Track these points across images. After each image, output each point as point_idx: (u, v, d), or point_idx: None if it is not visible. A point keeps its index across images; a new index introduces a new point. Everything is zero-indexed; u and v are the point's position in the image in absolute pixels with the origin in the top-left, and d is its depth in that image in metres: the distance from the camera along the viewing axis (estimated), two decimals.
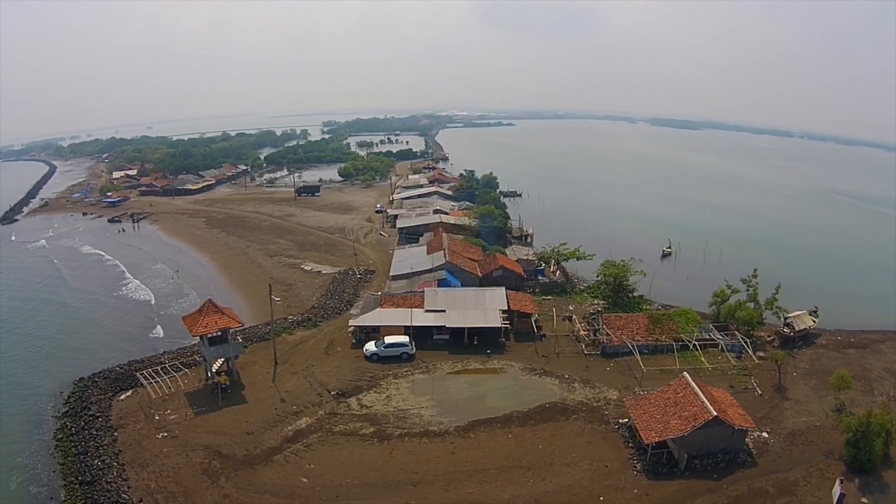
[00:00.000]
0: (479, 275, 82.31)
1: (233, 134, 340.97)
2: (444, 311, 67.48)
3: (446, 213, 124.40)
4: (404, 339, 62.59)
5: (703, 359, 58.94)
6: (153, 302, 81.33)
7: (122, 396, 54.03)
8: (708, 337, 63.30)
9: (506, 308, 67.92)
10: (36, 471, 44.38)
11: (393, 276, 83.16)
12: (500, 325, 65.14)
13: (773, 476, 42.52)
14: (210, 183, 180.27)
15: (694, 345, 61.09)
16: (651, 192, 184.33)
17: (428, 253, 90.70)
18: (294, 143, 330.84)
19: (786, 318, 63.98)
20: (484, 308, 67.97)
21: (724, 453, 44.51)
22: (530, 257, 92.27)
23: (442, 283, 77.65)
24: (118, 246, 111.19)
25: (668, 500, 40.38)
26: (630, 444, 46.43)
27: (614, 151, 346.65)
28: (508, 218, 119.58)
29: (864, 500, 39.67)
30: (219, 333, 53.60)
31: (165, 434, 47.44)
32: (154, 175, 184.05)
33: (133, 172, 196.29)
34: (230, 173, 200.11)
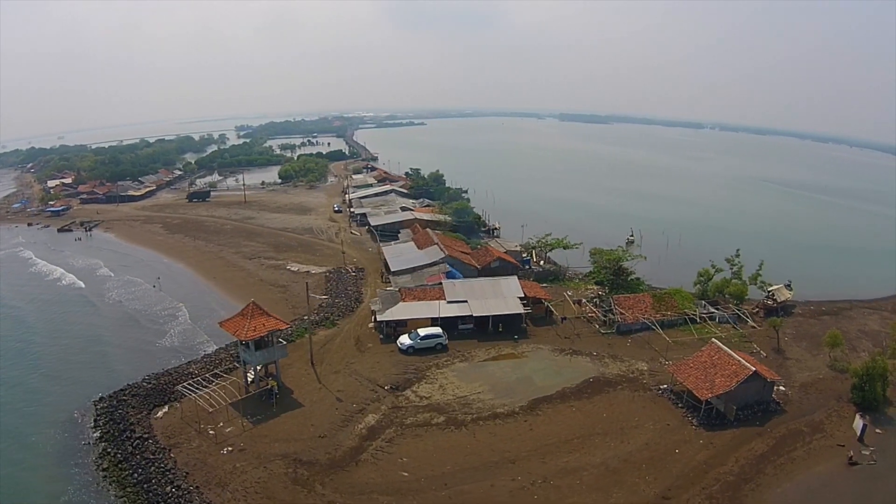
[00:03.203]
0: (478, 267, 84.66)
1: (152, 140, 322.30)
2: (465, 301, 69.22)
3: (411, 210, 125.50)
4: (438, 330, 63.56)
5: (714, 329, 65.87)
6: (145, 311, 75.28)
7: (160, 413, 49.98)
8: (705, 311, 70.45)
9: (522, 295, 71.03)
10: None
11: (394, 271, 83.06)
12: (522, 312, 68.25)
13: (802, 419, 49.31)
14: (151, 189, 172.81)
15: (702, 318, 68.09)
16: (589, 185, 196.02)
17: (419, 248, 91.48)
18: (214, 147, 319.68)
19: (769, 292, 72.85)
20: (503, 296, 70.47)
21: (759, 404, 50.64)
22: (517, 248, 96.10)
23: (448, 275, 79.20)
24: (83, 255, 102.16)
25: (728, 446, 45.54)
26: (679, 405, 51.25)
27: (536, 147, 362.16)
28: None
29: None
30: (266, 336, 51.51)
31: (230, 448, 44.66)
32: (92, 182, 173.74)
33: (69, 181, 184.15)
34: (167, 179, 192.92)
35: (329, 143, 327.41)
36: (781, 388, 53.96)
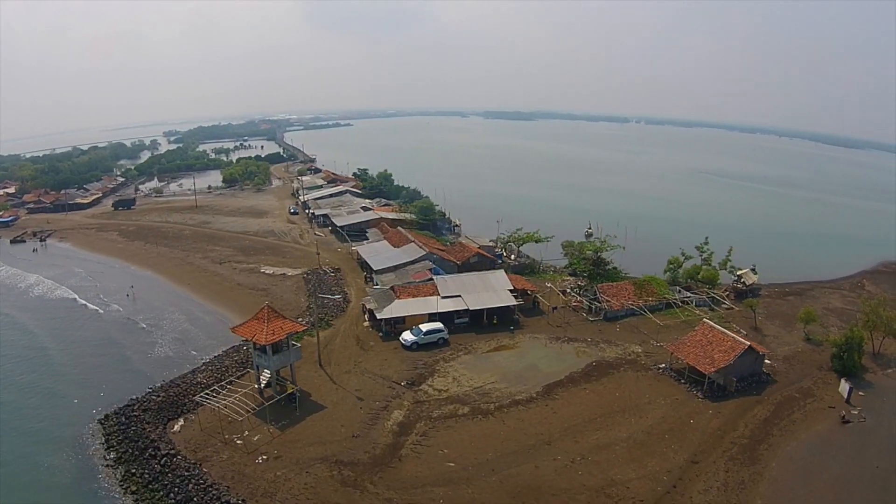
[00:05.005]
0: (458, 262, 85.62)
1: (85, 148, 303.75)
2: (459, 296, 70.10)
3: (373, 210, 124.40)
4: (439, 325, 64.12)
5: (695, 312, 70.92)
6: (131, 320, 70.88)
7: (176, 427, 47.01)
8: (683, 296, 75.39)
9: (512, 288, 72.85)
10: None
11: (377, 270, 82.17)
12: (515, 304, 70.10)
13: (793, 387, 54.54)
14: (98, 196, 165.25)
15: (685, 301, 73.05)
16: (531, 180, 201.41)
17: (395, 247, 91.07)
18: (148, 153, 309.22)
19: (738, 276, 79.07)
20: (494, 290, 71.97)
21: (752, 376, 55.31)
22: (490, 244, 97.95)
23: (433, 271, 79.57)
24: (51, 266, 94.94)
25: (733, 414, 49.73)
26: (682, 381, 55.02)
27: (470, 145, 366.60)
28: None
29: (860, 393, 53.10)
30: (282, 340, 49.75)
31: (265, 457, 42.95)
32: (37, 191, 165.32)
33: (12, 190, 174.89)
34: (112, 185, 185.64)
35: (263, 147, 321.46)
36: (767, 360, 58.88)
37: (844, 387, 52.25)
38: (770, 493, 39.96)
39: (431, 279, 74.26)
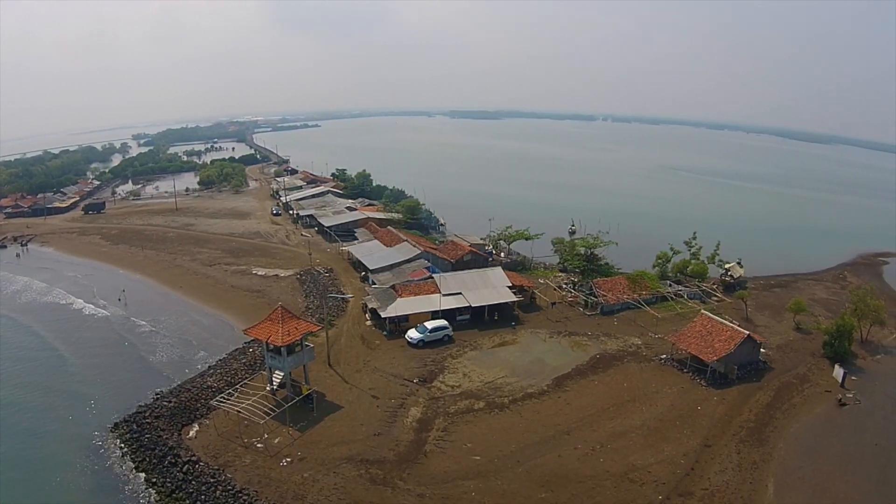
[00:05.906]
0: (452, 260, 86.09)
1: (56, 152, 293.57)
2: (460, 293, 70.67)
3: (355, 210, 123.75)
4: (444, 322, 64.54)
5: (689, 304, 73.29)
6: (133, 322, 69.29)
7: (191, 433, 46.02)
8: (675, 289, 77.69)
9: (510, 285, 73.81)
10: None
11: (373, 269, 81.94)
12: (515, 300, 71.11)
13: (789, 373, 57.05)
14: (75, 200, 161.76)
15: (678, 294, 75.38)
16: (507, 179, 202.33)
17: (387, 246, 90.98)
18: (119, 156, 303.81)
19: (726, 269, 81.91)
20: (493, 287, 72.82)
21: (750, 364, 57.55)
22: (481, 241, 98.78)
23: (429, 269, 79.91)
24: (34, 271, 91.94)
25: (737, 400, 51.83)
26: (685, 370, 56.96)
27: (440, 144, 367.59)
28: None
29: (853, 377, 55.98)
30: (298, 340, 49.28)
31: (289, 459, 42.51)
32: (13, 196, 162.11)
33: None
34: (88, 189, 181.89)
35: (234, 148, 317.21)
36: (762, 349, 61.34)
37: (839, 372, 55.05)
38: (781, 471, 42.04)
39: (431, 277, 74.70)
